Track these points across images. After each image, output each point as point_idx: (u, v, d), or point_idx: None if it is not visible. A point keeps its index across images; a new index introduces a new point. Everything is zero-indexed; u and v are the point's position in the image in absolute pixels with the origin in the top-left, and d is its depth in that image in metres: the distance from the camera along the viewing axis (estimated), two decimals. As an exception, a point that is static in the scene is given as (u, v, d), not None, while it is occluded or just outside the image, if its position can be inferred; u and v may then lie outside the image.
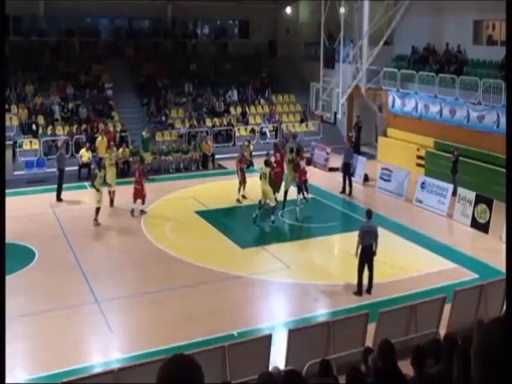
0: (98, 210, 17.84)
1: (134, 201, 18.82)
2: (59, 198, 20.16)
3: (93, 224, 17.70)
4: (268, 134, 29.06)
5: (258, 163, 25.49)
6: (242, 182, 20.42)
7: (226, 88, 30.67)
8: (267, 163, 18.54)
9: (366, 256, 13.35)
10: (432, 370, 5.56)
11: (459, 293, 11.42)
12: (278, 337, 10.76)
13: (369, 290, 13.55)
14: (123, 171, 24.03)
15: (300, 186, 19.29)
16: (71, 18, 31.53)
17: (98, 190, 17.86)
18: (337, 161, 24.22)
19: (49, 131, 25.91)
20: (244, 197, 20.46)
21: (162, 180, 23.68)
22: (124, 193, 19.32)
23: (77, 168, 23.21)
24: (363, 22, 26.29)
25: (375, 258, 13.50)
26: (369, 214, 13.75)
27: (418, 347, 6.20)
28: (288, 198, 19.41)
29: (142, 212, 19.01)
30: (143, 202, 18.97)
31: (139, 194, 18.81)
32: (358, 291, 13.46)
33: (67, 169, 23.74)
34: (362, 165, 23.32)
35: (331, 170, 24.57)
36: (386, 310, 10.80)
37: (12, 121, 25.73)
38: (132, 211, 18.77)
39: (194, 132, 27.79)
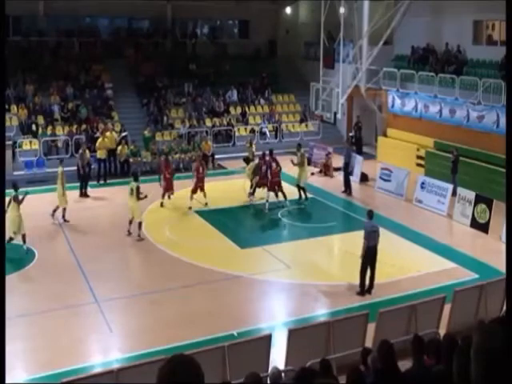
0: (140, 224, 17.09)
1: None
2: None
3: (137, 239, 16.91)
4: (268, 133, 29.07)
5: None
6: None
7: (225, 88, 30.67)
8: (300, 146, 21.46)
9: (371, 256, 13.28)
10: (432, 369, 5.57)
11: (459, 293, 11.42)
12: (278, 337, 10.76)
13: (369, 290, 13.53)
14: (123, 170, 24.06)
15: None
16: (71, 17, 31.51)
17: (145, 197, 17.27)
18: (337, 161, 24.23)
19: (49, 131, 25.92)
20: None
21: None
22: (124, 193, 19.29)
23: (76, 168, 23.18)
24: (363, 22, 26.28)
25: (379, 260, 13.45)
26: (370, 214, 13.68)
27: (417, 336, 6.22)
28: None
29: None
30: (170, 195, 20.33)
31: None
32: (361, 291, 13.41)
33: (67, 169, 23.80)
34: (359, 164, 23.35)
35: (334, 170, 24.46)
36: (386, 309, 10.80)
37: (12, 121, 25.74)
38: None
39: (193, 132, 27.81)
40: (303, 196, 20.55)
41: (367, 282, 13.51)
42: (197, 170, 20.01)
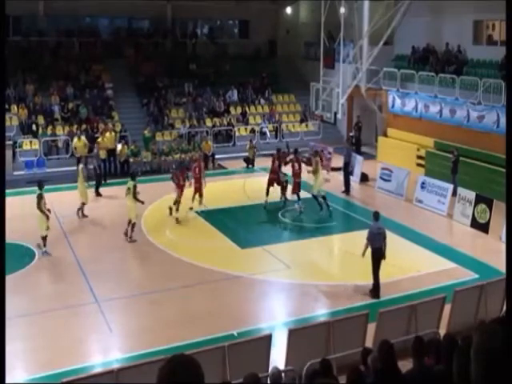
0: (133, 225, 16.85)
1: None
2: None
3: (127, 240, 16.73)
4: (268, 133, 29.08)
5: (259, 164, 25.56)
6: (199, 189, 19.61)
7: (225, 88, 30.68)
8: (317, 153, 20.13)
9: (376, 259, 13.12)
10: (432, 369, 5.57)
11: (459, 293, 11.42)
12: (278, 337, 10.76)
13: (373, 293, 13.45)
14: (123, 170, 24.05)
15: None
16: (71, 17, 31.52)
17: (142, 202, 17.12)
18: (337, 161, 24.23)
19: (49, 131, 25.92)
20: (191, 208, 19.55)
21: (162, 180, 23.66)
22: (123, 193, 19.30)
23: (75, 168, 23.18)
24: (363, 22, 26.28)
25: (384, 261, 13.37)
26: (376, 215, 13.53)
27: (418, 338, 6.22)
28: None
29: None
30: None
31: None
32: (376, 294, 13.24)
33: (66, 169, 23.88)
34: (359, 164, 23.36)
35: (333, 169, 24.44)
36: (386, 309, 10.80)
37: (12, 121, 25.75)
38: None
39: (194, 132, 27.82)
40: (322, 205, 19.22)
41: (370, 282, 13.38)
42: (194, 170, 19.99)
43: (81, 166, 19.38)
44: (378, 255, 13.11)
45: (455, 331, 9.15)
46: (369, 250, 13.23)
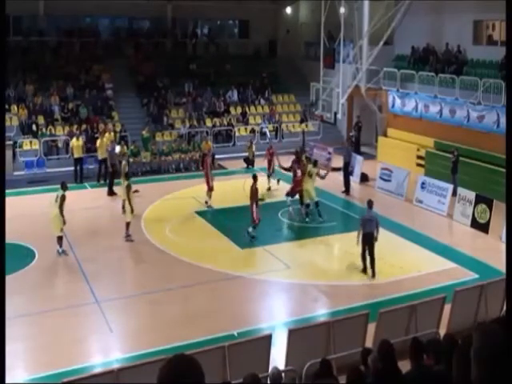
0: (128, 224, 16.89)
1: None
2: None
3: (125, 240, 16.80)
4: (268, 134, 29.07)
5: (259, 164, 25.54)
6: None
7: (225, 88, 30.69)
8: (316, 163, 19.38)
9: (367, 242, 14.10)
10: (432, 369, 5.57)
11: (459, 293, 11.42)
12: (278, 337, 10.76)
13: (373, 275, 14.13)
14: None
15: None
16: (71, 17, 31.54)
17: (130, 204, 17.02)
18: (337, 161, 24.23)
19: (49, 131, 25.92)
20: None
21: (162, 180, 23.69)
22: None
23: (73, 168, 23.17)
24: (363, 21, 26.29)
25: (378, 256, 13.84)
26: (370, 204, 14.55)
27: (415, 339, 6.22)
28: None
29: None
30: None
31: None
32: (364, 269, 14.37)
33: (67, 169, 23.86)
34: (359, 164, 23.36)
35: (334, 170, 24.38)
36: (386, 309, 10.79)
37: (12, 121, 25.75)
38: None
39: (194, 132, 27.82)
40: (308, 214, 19.00)
41: (370, 270, 14.28)
42: (204, 166, 20.41)
43: (124, 162, 19.76)
44: (369, 239, 14.07)
45: (455, 331, 9.15)
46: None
